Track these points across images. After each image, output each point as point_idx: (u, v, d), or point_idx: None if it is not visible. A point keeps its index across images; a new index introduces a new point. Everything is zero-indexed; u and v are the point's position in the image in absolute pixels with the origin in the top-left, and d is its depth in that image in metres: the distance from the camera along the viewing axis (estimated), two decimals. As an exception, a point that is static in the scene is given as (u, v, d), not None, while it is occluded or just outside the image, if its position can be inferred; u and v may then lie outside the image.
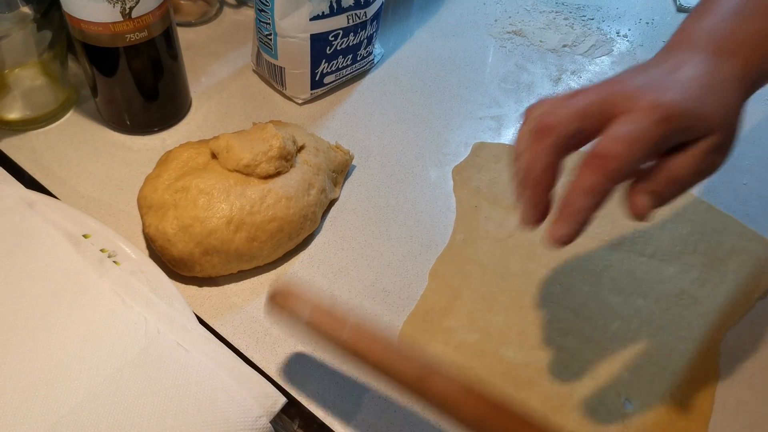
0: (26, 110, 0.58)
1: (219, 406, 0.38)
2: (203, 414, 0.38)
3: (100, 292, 0.44)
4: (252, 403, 0.38)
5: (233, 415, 0.38)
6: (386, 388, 0.43)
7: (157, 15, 0.52)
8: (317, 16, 0.57)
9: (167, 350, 0.41)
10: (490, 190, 0.56)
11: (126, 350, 0.41)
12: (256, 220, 0.47)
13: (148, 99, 0.57)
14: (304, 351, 0.45)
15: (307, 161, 0.52)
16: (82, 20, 0.50)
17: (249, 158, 0.48)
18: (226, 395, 0.38)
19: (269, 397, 0.39)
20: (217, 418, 0.38)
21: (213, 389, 0.39)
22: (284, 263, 0.50)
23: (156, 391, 0.39)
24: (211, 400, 0.38)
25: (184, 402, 0.38)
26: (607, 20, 0.76)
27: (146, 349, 0.41)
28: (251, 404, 0.38)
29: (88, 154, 0.57)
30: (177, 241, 0.46)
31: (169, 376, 0.39)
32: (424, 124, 0.62)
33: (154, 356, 0.40)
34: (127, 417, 0.37)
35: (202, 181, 0.48)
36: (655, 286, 0.50)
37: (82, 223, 0.48)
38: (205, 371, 0.40)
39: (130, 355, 0.40)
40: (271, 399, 0.39)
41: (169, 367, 0.40)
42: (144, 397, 0.38)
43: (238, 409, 0.38)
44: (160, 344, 0.41)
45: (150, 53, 0.54)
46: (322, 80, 0.62)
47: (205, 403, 0.38)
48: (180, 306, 0.44)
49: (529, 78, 0.68)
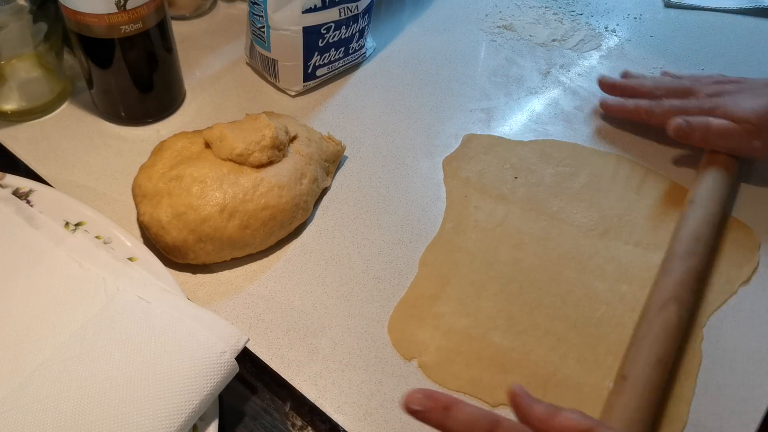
0: (22, 101, 0.59)
1: (183, 346, 0.39)
2: (169, 355, 0.39)
3: (56, 260, 0.45)
4: (215, 340, 0.40)
5: (197, 353, 0.39)
6: (374, 373, 0.44)
7: (151, 6, 0.53)
8: (309, 9, 0.58)
9: (129, 304, 0.42)
10: (480, 180, 0.57)
11: (88, 308, 0.42)
12: (248, 208, 0.48)
13: (142, 90, 0.58)
14: (296, 336, 0.46)
15: (299, 151, 0.53)
16: (77, 12, 0.51)
17: (242, 147, 0.49)
18: (189, 336, 0.40)
19: (232, 336, 0.40)
20: (182, 357, 0.39)
21: (176, 332, 0.40)
22: (277, 251, 0.51)
23: (121, 340, 0.40)
24: (175, 342, 0.40)
25: (149, 346, 0.39)
26: (596, 15, 0.77)
27: (107, 305, 0.42)
28: (214, 341, 0.40)
29: (83, 144, 0.58)
30: (171, 228, 0.47)
31: (132, 326, 0.41)
32: (415, 116, 0.63)
33: (116, 310, 0.42)
34: (95, 365, 0.39)
35: (195, 169, 0.49)
36: (639, 273, 0.51)
37: (77, 211, 0.49)
38: (168, 317, 0.41)
39: (92, 312, 0.42)
40: (234, 337, 0.40)
41: (131, 318, 0.41)
42: (110, 346, 0.40)
43: (202, 347, 0.39)
44: (120, 299, 0.42)
45: (145, 45, 0.55)
46: (314, 73, 0.63)
47: (169, 344, 0.39)
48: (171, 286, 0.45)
49: (518, 71, 0.69)
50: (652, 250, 0.53)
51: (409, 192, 0.56)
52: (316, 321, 0.47)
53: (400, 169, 0.58)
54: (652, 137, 0.62)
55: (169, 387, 0.38)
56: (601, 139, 0.62)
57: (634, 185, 0.58)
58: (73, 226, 0.48)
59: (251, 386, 0.44)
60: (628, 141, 0.62)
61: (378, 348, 0.46)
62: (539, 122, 0.63)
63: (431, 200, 0.56)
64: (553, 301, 0.49)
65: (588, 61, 0.71)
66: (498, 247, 0.53)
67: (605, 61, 0.71)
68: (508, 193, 0.57)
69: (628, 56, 0.72)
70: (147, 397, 0.38)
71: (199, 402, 0.38)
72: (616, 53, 0.72)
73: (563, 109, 0.65)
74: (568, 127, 0.63)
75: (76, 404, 0.37)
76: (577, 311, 0.49)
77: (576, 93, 0.67)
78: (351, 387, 0.44)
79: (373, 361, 0.45)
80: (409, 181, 0.57)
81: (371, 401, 0.43)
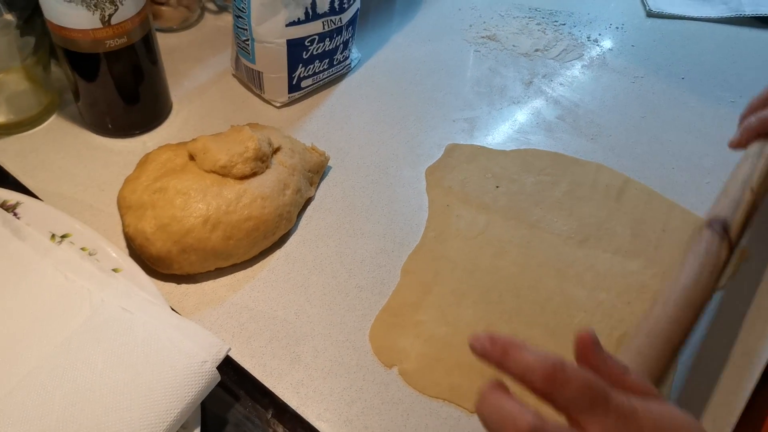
0: (10, 114, 0.60)
1: (166, 356, 0.40)
2: (152, 365, 0.40)
3: (43, 272, 0.46)
4: (197, 350, 0.40)
5: (179, 363, 0.40)
6: (355, 380, 0.45)
7: (136, 21, 0.53)
8: (293, 22, 0.59)
9: (113, 315, 0.43)
10: (462, 189, 0.58)
11: (73, 319, 0.43)
12: (232, 219, 0.49)
13: (128, 103, 0.59)
14: (278, 345, 0.47)
15: (283, 162, 0.53)
16: (63, 27, 0.52)
17: (225, 159, 0.50)
18: (171, 346, 0.41)
19: (213, 346, 0.41)
20: (165, 367, 0.40)
21: (159, 342, 0.41)
22: (260, 260, 0.52)
23: (105, 350, 0.41)
24: (157, 352, 0.40)
25: (133, 356, 0.40)
26: (579, 25, 0.79)
27: (92, 317, 0.43)
28: (196, 351, 0.40)
29: (71, 156, 0.59)
30: (155, 239, 0.48)
31: (116, 337, 0.41)
32: (399, 126, 0.64)
33: (101, 322, 0.42)
34: (80, 375, 0.40)
35: (179, 182, 0.49)
36: (618, 281, 0.52)
37: (63, 224, 0.49)
38: (151, 328, 0.42)
39: (76, 324, 0.43)
40: (216, 347, 0.41)
41: (115, 329, 0.42)
42: (95, 356, 0.40)
43: (184, 357, 0.40)
44: (105, 311, 0.43)
45: (130, 58, 0.56)
46: (299, 84, 0.64)
47: (152, 355, 0.40)
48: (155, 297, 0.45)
49: (501, 81, 0.70)
50: (631, 258, 0.54)
51: (392, 201, 0.57)
52: (298, 330, 0.48)
53: (384, 178, 0.59)
54: (634, 146, 0.63)
55: (151, 396, 0.39)
56: (581, 148, 0.63)
57: (613, 194, 0.59)
58: (60, 238, 0.49)
59: (234, 394, 0.45)
60: (609, 150, 0.63)
61: (359, 356, 0.47)
62: (521, 132, 0.64)
63: (414, 209, 0.57)
64: (533, 308, 0.50)
65: (570, 71, 0.72)
66: (479, 255, 0.54)
67: (587, 70, 0.72)
68: (489, 202, 0.58)
69: (610, 66, 0.73)
70: (130, 405, 0.38)
71: (180, 410, 0.39)
72: (598, 63, 0.73)
73: (545, 118, 0.66)
74: (550, 137, 0.64)
75: (61, 413, 0.38)
76: (556, 318, 0.50)
77: (558, 102, 0.68)
78: (332, 394, 0.45)
79: (355, 369, 0.46)
80: (393, 190, 0.58)
81: (352, 408, 0.44)
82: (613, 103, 0.68)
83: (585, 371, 0.31)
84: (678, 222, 0.57)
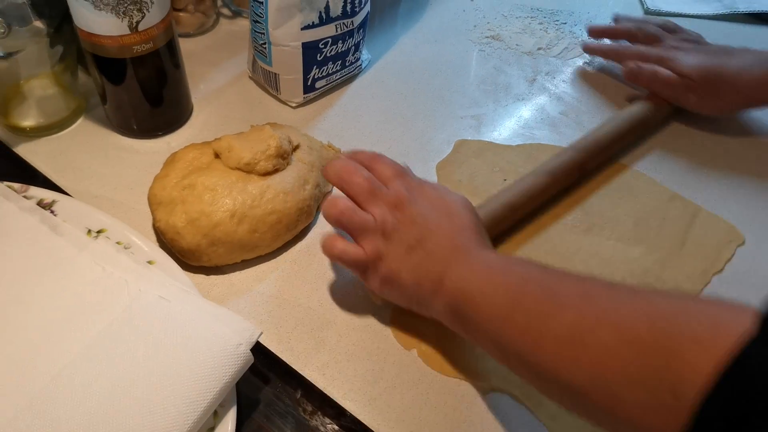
0: (40, 118, 0.62)
1: (203, 340, 0.43)
2: (191, 348, 0.43)
3: (81, 264, 0.49)
4: (231, 334, 0.43)
5: (216, 346, 0.43)
6: (377, 362, 0.48)
7: (161, 27, 0.56)
8: (308, 26, 0.62)
9: (151, 304, 0.46)
10: (471, 183, 0.61)
11: (113, 308, 0.46)
12: (257, 214, 0.52)
13: (153, 105, 0.62)
14: (303, 331, 0.50)
15: (302, 159, 0.56)
16: (92, 34, 0.54)
17: (249, 157, 0.53)
18: (208, 331, 0.43)
19: (246, 330, 0.44)
20: (202, 350, 0.42)
21: (196, 328, 0.44)
22: (283, 252, 0.55)
23: (145, 337, 0.44)
24: (195, 337, 0.43)
25: (172, 341, 0.43)
26: (579, 24, 0.82)
27: (131, 306, 0.46)
28: (231, 335, 0.43)
29: (99, 157, 0.61)
30: (186, 233, 0.51)
31: (156, 323, 0.44)
32: (409, 124, 0.67)
33: (139, 310, 0.45)
34: (123, 359, 0.42)
35: (206, 178, 0.52)
36: (621, 266, 0.55)
37: (98, 220, 0.52)
38: (187, 314, 0.45)
39: (117, 312, 0.45)
40: (248, 331, 0.44)
41: (154, 316, 0.45)
42: (135, 342, 0.43)
43: (220, 340, 0.43)
44: (143, 300, 0.46)
45: (155, 63, 0.59)
46: (313, 85, 0.67)
47: (190, 339, 0.43)
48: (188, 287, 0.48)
49: (506, 79, 0.73)
50: (633, 245, 0.57)
51: (405, 195, 0.60)
52: (321, 316, 0.51)
53: (397, 173, 0.62)
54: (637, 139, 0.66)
55: (191, 377, 0.42)
56: (584, 142, 0.66)
57: (615, 184, 0.62)
58: (95, 233, 0.52)
59: (264, 377, 0.48)
60: (610, 143, 0.66)
61: (380, 340, 0.50)
62: (526, 127, 0.67)
63: (426, 202, 0.59)
64: (541, 293, 0.53)
65: (572, 68, 0.75)
66: (489, 244, 0.56)
67: (588, 68, 0.75)
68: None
69: (610, 62, 0.76)
70: (172, 386, 0.41)
71: (218, 390, 0.42)
72: (599, 60, 0.76)
73: (549, 114, 0.69)
74: (554, 131, 0.67)
75: (106, 395, 0.41)
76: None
77: (561, 99, 0.71)
78: (356, 375, 0.48)
79: (376, 352, 0.49)
80: (405, 185, 0.61)
81: (375, 388, 0.47)
82: (614, 98, 0.71)
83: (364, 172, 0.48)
84: (677, 211, 0.60)
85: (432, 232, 0.45)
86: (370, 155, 0.51)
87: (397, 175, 0.49)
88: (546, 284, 0.39)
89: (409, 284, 0.45)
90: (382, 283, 0.46)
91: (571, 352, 0.35)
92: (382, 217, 0.46)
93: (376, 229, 0.46)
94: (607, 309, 0.35)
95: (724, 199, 0.61)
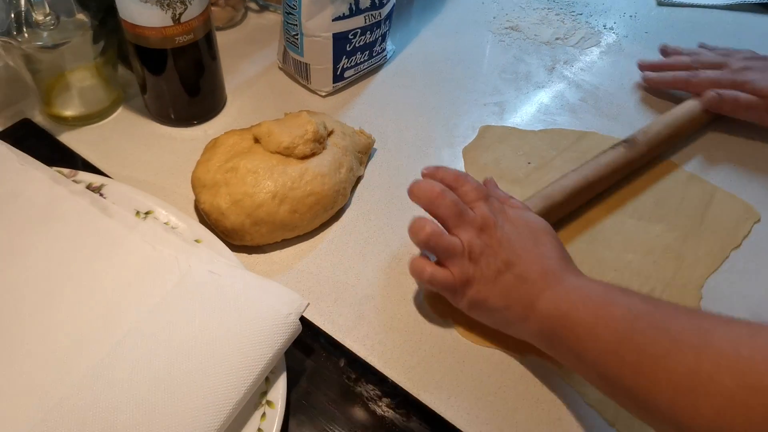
0: (81, 108, 0.65)
1: (254, 310, 0.45)
2: (243, 318, 0.45)
3: (132, 244, 0.51)
4: (281, 305, 0.46)
5: (267, 316, 0.45)
6: (414, 333, 0.51)
7: (201, 20, 0.59)
8: (339, 17, 0.64)
9: (201, 278, 0.48)
10: (497, 166, 0.64)
11: (164, 283, 0.48)
12: (296, 195, 0.54)
13: (191, 95, 0.64)
14: (343, 305, 0.52)
15: (336, 144, 0.59)
16: (137, 25, 0.57)
17: (288, 141, 0.55)
18: (258, 301, 0.46)
19: (295, 301, 0.47)
20: (254, 320, 0.45)
21: (247, 299, 0.46)
22: (320, 233, 0.58)
23: (199, 307, 0.46)
24: (247, 307, 0.46)
25: (225, 312, 0.45)
26: (595, 15, 0.84)
27: (182, 280, 0.48)
28: (280, 306, 0.46)
29: (139, 144, 0.64)
30: (230, 213, 0.54)
31: (208, 295, 0.47)
32: (434, 112, 0.70)
33: (191, 284, 0.48)
34: (179, 329, 0.45)
35: (248, 162, 0.55)
36: (643, 243, 0.58)
37: (145, 202, 0.55)
38: (238, 287, 0.47)
39: (169, 286, 0.48)
40: (297, 302, 0.47)
41: (206, 288, 0.47)
42: (190, 313, 0.46)
43: (270, 310, 0.45)
44: (193, 274, 0.48)
45: (194, 54, 0.61)
46: (342, 74, 0.69)
47: (242, 310, 0.45)
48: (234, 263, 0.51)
49: (526, 68, 0.76)
50: (654, 223, 0.59)
51: (434, 178, 0.63)
52: (360, 291, 0.53)
53: (424, 158, 0.65)
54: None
55: (245, 345, 0.44)
56: (603, 127, 0.68)
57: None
58: (143, 214, 0.54)
59: (309, 347, 0.50)
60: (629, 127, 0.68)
61: (416, 312, 0.52)
62: (547, 113, 0.70)
63: (454, 185, 0.62)
64: (568, 268, 0.56)
65: (589, 57, 0.78)
66: (516, 223, 0.59)
67: (605, 56, 0.78)
68: (522, 176, 0.63)
69: (626, 51, 0.79)
70: (228, 353, 0.44)
71: (271, 356, 0.44)
72: (615, 49, 0.79)
73: (568, 100, 0.72)
74: (574, 117, 0.70)
75: (167, 360, 0.44)
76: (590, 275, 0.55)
77: (579, 86, 0.73)
78: (395, 346, 0.50)
79: (413, 324, 0.52)
80: (434, 168, 0.64)
81: (413, 357, 0.50)
82: (630, 84, 0.74)
83: (451, 195, 0.49)
84: (695, 190, 0.62)
85: (520, 257, 0.46)
86: (454, 175, 0.51)
87: (481, 197, 0.49)
88: (657, 320, 0.38)
89: (499, 308, 0.46)
90: (470, 306, 0.48)
91: (691, 399, 0.34)
92: (470, 241, 0.47)
93: (464, 253, 0.47)
94: (726, 350, 0.34)
95: (740, 181, 0.63)
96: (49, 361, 0.44)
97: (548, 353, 0.46)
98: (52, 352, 0.45)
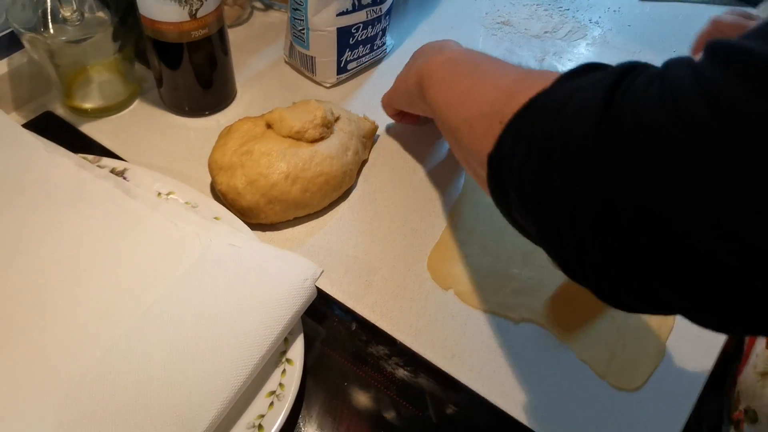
0: (100, 100, 0.69)
1: (273, 277, 0.50)
2: (263, 284, 0.49)
3: (155, 223, 0.55)
4: (298, 272, 0.50)
5: (285, 281, 0.49)
6: (419, 300, 0.55)
7: (215, 15, 0.63)
8: (343, 12, 0.68)
9: (222, 251, 0.52)
10: (492, 149, 0.68)
11: (188, 257, 0.52)
12: (307, 175, 0.59)
13: (204, 87, 0.68)
14: (353, 276, 0.57)
15: (343, 129, 0.63)
16: (155, 21, 0.61)
17: (299, 126, 0.60)
18: (277, 269, 0.50)
19: (310, 268, 0.51)
20: (274, 285, 0.49)
21: (266, 267, 0.50)
22: (329, 211, 0.62)
23: (222, 277, 0.50)
24: (266, 274, 0.50)
25: (246, 280, 0.49)
26: (581, 10, 0.89)
27: (205, 253, 0.52)
28: (297, 273, 0.50)
29: (156, 134, 0.68)
30: (246, 193, 0.58)
31: (229, 265, 0.51)
32: (432, 101, 0.74)
33: (213, 256, 0.52)
34: (204, 297, 0.49)
35: (262, 145, 0.59)
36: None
37: (165, 184, 0.59)
38: (257, 257, 0.51)
39: (192, 259, 0.52)
40: (312, 269, 0.51)
41: (227, 260, 0.51)
42: (214, 281, 0.50)
43: (289, 276, 0.50)
44: (215, 248, 0.52)
45: (207, 48, 0.66)
46: (346, 67, 0.74)
47: (262, 276, 0.50)
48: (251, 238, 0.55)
49: (518, 60, 0.80)
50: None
51: (434, 161, 0.67)
52: (368, 264, 0.58)
53: (425, 143, 0.69)
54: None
55: (266, 308, 0.48)
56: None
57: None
58: (165, 195, 0.58)
59: (323, 314, 0.54)
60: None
61: (420, 282, 0.57)
62: (538, 101, 0.74)
63: (454, 166, 0.66)
64: (560, 241, 0.60)
65: (577, 49, 0.82)
66: (511, 201, 0.63)
67: (591, 48, 0.82)
68: (516, 159, 0.67)
69: (611, 43, 0.83)
70: (250, 316, 0.48)
71: (289, 319, 0.48)
72: (600, 41, 0.84)
73: (558, 89, 0.76)
74: (563, 104, 0.74)
75: (193, 325, 0.48)
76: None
77: (568, 76, 0.78)
78: (402, 312, 0.54)
79: (418, 292, 0.56)
80: (434, 152, 0.68)
81: (419, 321, 0.54)
82: (615, 74, 0.78)
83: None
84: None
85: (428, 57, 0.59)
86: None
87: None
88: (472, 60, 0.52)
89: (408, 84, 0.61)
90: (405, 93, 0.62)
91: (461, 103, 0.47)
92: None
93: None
94: (497, 74, 0.46)
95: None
96: (83, 329, 0.48)
97: (420, 105, 0.58)
98: (85, 321, 0.49)
